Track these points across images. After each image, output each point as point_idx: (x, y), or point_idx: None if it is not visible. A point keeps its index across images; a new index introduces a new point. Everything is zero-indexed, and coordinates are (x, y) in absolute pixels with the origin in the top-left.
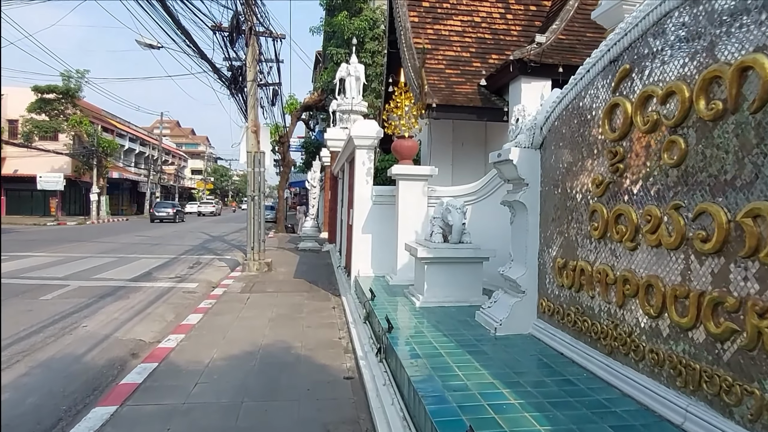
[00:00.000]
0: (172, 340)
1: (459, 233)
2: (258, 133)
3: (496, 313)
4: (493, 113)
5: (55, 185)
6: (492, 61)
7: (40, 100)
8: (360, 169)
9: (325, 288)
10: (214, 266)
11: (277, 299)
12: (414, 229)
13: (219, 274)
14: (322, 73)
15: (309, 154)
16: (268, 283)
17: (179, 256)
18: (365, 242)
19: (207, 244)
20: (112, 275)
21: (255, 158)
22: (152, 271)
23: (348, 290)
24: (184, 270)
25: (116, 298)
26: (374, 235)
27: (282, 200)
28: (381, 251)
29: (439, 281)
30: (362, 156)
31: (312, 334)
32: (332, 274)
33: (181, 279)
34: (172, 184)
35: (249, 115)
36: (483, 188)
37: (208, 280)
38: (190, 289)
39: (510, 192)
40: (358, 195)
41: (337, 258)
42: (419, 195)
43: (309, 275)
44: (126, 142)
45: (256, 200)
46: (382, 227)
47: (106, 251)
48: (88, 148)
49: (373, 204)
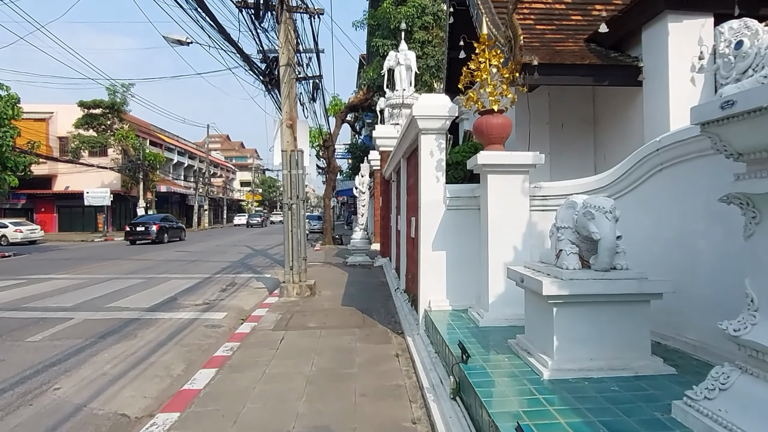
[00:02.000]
0: (159, 427)
1: (610, 253)
2: (294, 127)
3: (733, 413)
4: (618, 73)
5: (101, 201)
6: (596, 13)
7: (87, 115)
8: (427, 163)
9: (382, 321)
10: (250, 288)
11: (319, 341)
12: (511, 243)
13: (253, 299)
14: (367, 70)
15: (356, 159)
16: (309, 314)
17: (214, 276)
18: (437, 262)
19: (247, 259)
20: (128, 303)
21: (291, 158)
22: (177, 297)
23: (415, 328)
24: (214, 294)
25: (119, 338)
26: (449, 251)
27: (328, 209)
28: (460, 274)
29: (580, 334)
30: (429, 144)
31: (370, 413)
32: (389, 299)
33: (208, 307)
34: (221, 197)
35: (283, 106)
36: (620, 180)
37: (239, 307)
38: (214, 321)
39: (746, 178)
40: (426, 198)
41: (393, 276)
42: (518, 194)
43: (360, 301)
44: (175, 155)
45: (294, 209)
46: (461, 240)
47: (136, 270)
48: (134, 162)
49: (446, 209)
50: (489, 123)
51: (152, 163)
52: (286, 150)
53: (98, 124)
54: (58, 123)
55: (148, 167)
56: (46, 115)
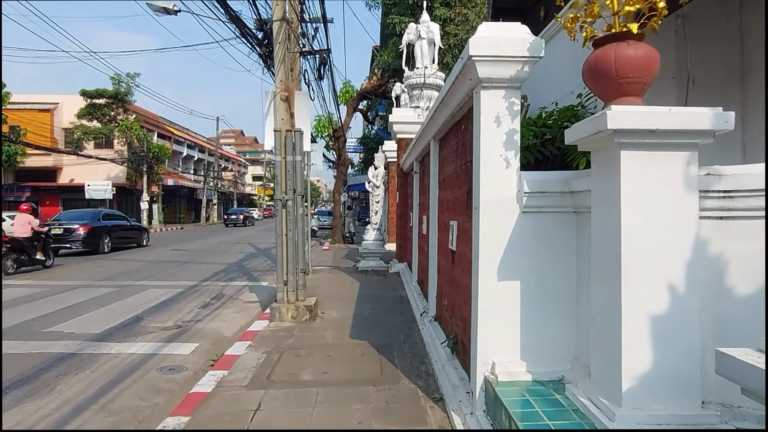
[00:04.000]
0: None
1: None
2: (291, 100)
3: None
4: None
5: (103, 194)
6: None
7: (90, 105)
8: (489, 135)
9: (407, 370)
10: (239, 303)
11: (314, 415)
12: (663, 276)
13: (239, 321)
14: (381, 53)
15: (368, 151)
16: (305, 354)
17: (201, 283)
18: (505, 298)
19: (247, 261)
20: (76, 326)
21: (287, 140)
22: (144, 315)
23: (465, 401)
24: (192, 311)
25: (24, 395)
26: (526, 281)
27: (338, 205)
28: (544, 319)
29: None
30: (494, 104)
31: None
32: (412, 326)
33: (178, 333)
34: (231, 191)
35: (276, 73)
36: None
37: (217, 334)
38: (176, 361)
39: None
40: (487, 192)
41: (416, 291)
42: (677, 187)
43: (375, 329)
44: (184, 148)
45: (290, 206)
46: (546, 264)
47: (115, 275)
48: (137, 154)
49: (522, 212)
50: (622, 56)
51: (157, 155)
52: (280, 130)
53: (102, 114)
54: (64, 114)
55: (153, 159)
56: (51, 106)
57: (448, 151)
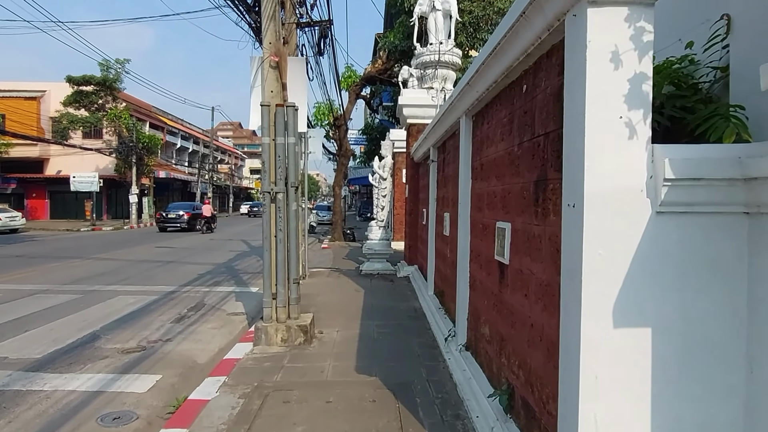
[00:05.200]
0: None
1: None
2: (283, 67)
3: None
4: None
5: (89, 186)
6: None
7: (77, 92)
8: (601, 81)
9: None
10: (221, 314)
11: None
12: None
13: (217, 342)
14: (387, 34)
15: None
16: (296, 401)
17: (180, 289)
18: (628, 357)
19: (237, 261)
20: (17, 346)
21: (277, 117)
22: (102, 333)
23: None
24: (163, 326)
25: None
26: (666, 329)
27: (339, 199)
28: (696, 395)
29: None
30: (611, 30)
31: None
32: (436, 355)
33: (139, 358)
34: (227, 184)
35: (265, 34)
36: None
37: (185, 363)
38: (122, 406)
39: None
40: (594, 179)
41: (434, 305)
42: None
43: (388, 360)
44: (178, 140)
45: (281, 200)
46: (703, 304)
47: (86, 277)
48: (126, 144)
49: (657, 212)
50: None
51: (147, 146)
52: (268, 104)
53: (90, 102)
54: (51, 102)
55: (142, 150)
56: (38, 94)
57: (493, 127)
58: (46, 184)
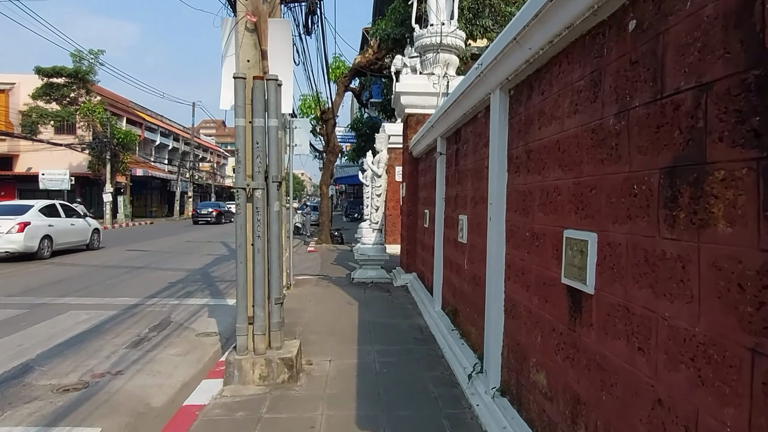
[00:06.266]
0: None
1: None
2: (262, 30)
3: None
4: None
5: (60, 184)
6: None
7: (47, 84)
8: None
9: None
10: (188, 337)
11: None
12: None
13: (180, 374)
14: (379, 22)
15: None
16: None
17: (145, 302)
18: None
19: (215, 267)
20: None
21: (255, 93)
22: (37, 364)
23: None
24: (116, 353)
25: None
26: None
27: (326, 198)
28: None
29: None
30: None
31: None
32: (458, 400)
33: (78, 400)
34: (209, 183)
35: None
36: None
37: (135, 408)
38: None
39: None
40: None
41: (442, 321)
42: None
43: (397, 407)
44: (157, 136)
45: (259, 198)
46: None
47: (35, 288)
48: (100, 140)
49: None
50: None
51: (123, 142)
52: (244, 76)
53: (61, 95)
54: (21, 95)
55: (117, 146)
56: (7, 86)
57: (553, 98)
58: (15, 182)
